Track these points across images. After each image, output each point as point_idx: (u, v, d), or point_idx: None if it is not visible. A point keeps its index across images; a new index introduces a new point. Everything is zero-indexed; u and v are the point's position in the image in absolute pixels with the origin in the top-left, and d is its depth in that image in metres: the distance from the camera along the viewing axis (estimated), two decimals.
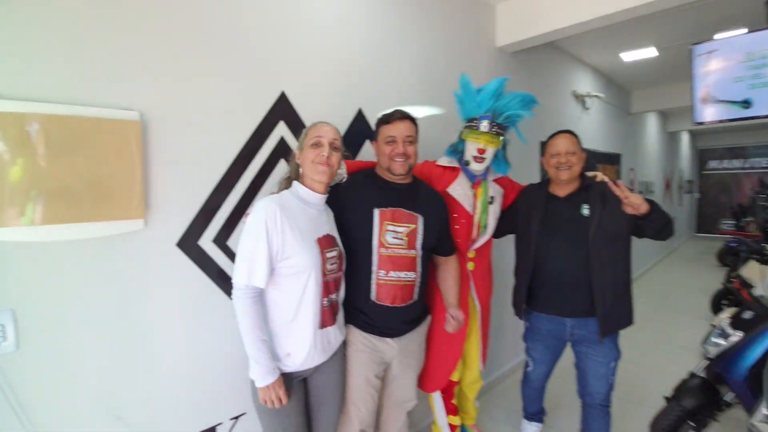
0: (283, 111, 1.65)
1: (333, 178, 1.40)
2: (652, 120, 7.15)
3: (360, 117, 1.96)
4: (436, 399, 1.98)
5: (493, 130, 1.73)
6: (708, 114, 3.10)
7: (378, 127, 1.57)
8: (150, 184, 1.30)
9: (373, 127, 1.59)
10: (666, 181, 7.84)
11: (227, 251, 1.51)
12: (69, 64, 1.15)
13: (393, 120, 1.51)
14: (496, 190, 1.90)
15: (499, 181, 1.94)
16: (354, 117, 1.94)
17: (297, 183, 1.38)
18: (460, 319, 1.67)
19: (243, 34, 1.52)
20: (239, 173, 1.53)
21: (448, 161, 1.84)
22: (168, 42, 1.33)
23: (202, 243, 1.44)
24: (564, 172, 1.74)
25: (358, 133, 1.96)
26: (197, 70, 1.41)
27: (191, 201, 1.41)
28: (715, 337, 2.07)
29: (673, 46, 3.97)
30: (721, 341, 2.02)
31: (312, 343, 1.31)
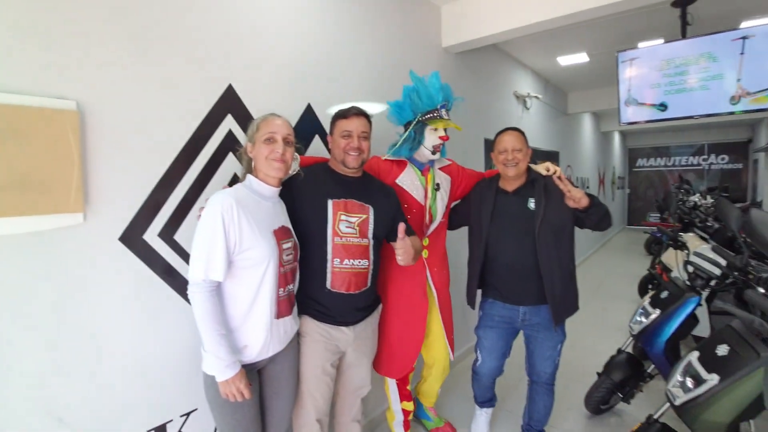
0: (230, 104, 1.63)
1: (288, 174, 1.41)
2: (587, 120, 7.69)
3: (309, 111, 1.97)
4: (391, 385, 2.05)
5: (449, 116, 1.85)
6: (631, 115, 3.42)
7: (334, 121, 1.62)
8: (89, 177, 1.25)
9: (323, 123, 1.61)
10: (600, 178, 8.47)
11: (174, 246, 1.47)
12: None
13: (350, 115, 1.57)
14: (443, 178, 1.99)
15: (445, 169, 2.03)
16: (303, 111, 1.94)
17: (251, 176, 1.37)
18: (406, 245, 1.54)
19: (189, 24, 1.49)
20: (186, 166, 1.50)
21: (396, 157, 1.91)
22: (109, 29, 1.28)
23: (147, 237, 1.40)
24: (511, 169, 1.83)
25: (308, 127, 1.97)
26: (140, 60, 1.36)
27: (134, 194, 1.37)
28: (638, 316, 2.29)
29: (602, 52, 4.30)
30: (643, 319, 2.24)
31: (268, 333, 1.31)
